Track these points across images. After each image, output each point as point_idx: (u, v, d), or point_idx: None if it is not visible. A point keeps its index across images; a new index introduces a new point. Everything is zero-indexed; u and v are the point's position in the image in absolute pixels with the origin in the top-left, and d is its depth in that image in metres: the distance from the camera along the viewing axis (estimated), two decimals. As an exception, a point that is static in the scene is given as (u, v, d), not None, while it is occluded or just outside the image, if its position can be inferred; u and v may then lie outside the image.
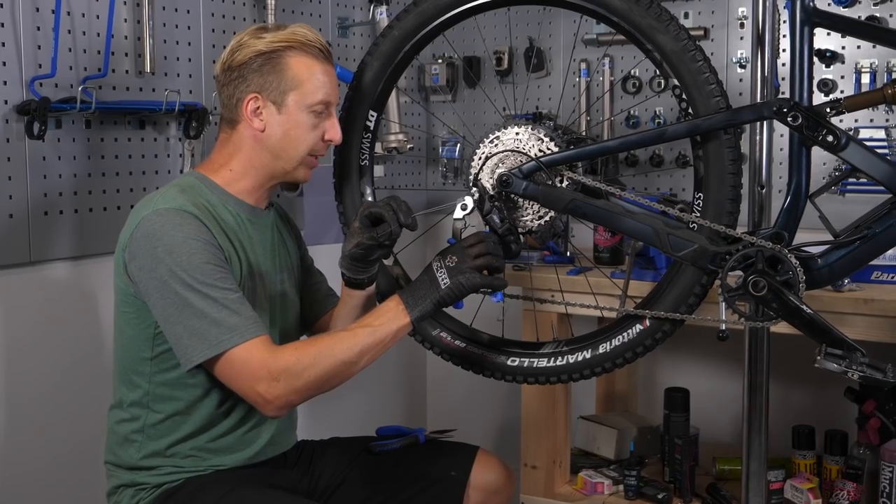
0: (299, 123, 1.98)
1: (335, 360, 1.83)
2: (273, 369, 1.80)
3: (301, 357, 1.82)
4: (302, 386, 1.82)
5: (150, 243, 1.85)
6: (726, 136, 1.90)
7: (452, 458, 2.20)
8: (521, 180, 1.97)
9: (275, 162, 2.01)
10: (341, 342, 1.85)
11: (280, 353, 1.83)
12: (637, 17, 1.92)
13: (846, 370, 1.82)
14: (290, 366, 1.81)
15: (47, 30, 2.39)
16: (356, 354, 1.84)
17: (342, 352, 1.83)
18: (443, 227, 3.37)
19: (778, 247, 1.85)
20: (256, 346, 1.82)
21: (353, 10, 3.41)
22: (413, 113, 3.71)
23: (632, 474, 2.94)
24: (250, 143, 2.00)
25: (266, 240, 2.09)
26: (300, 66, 1.97)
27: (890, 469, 2.61)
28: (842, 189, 2.93)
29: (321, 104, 1.99)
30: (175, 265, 1.82)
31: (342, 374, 1.85)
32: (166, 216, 1.86)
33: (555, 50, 3.51)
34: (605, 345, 2.06)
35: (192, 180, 2.01)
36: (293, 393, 1.82)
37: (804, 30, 1.87)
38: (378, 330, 1.86)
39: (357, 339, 1.85)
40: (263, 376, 1.80)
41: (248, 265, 2.00)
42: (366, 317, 1.91)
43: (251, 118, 1.97)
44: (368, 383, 3.45)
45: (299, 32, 1.98)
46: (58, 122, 2.43)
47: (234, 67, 1.98)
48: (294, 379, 1.81)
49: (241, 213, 2.01)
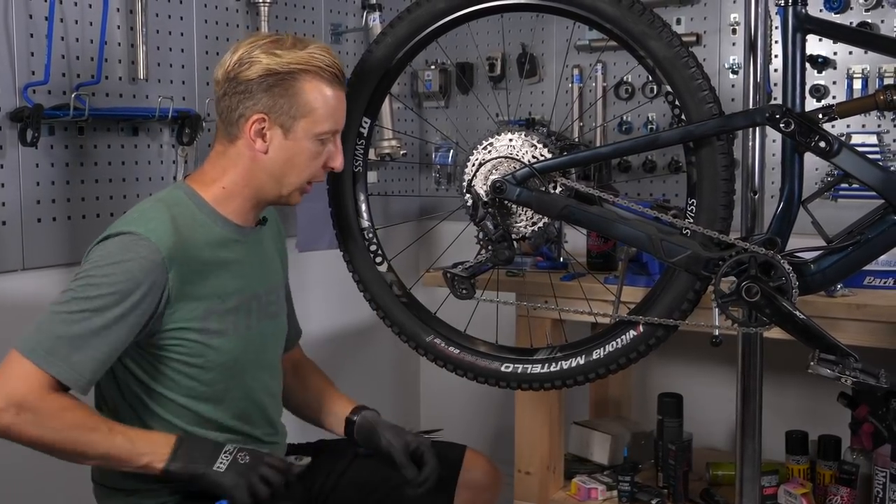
0: (304, 150, 1.92)
1: (76, 445, 1.76)
2: (29, 403, 1.73)
3: (58, 414, 1.75)
4: (34, 436, 1.74)
5: (96, 252, 1.83)
6: (719, 142, 1.90)
7: (442, 457, 2.20)
8: (515, 186, 1.97)
9: (271, 184, 1.94)
10: (96, 435, 1.77)
11: (49, 398, 1.74)
12: (629, 24, 1.92)
13: (839, 375, 1.82)
14: (44, 414, 1.74)
15: (40, 37, 2.39)
16: (98, 455, 1.78)
17: (90, 444, 1.76)
18: (435, 234, 3.38)
19: (771, 252, 1.85)
20: (42, 378, 1.74)
21: (347, 17, 3.42)
22: (406, 119, 3.72)
23: (626, 480, 2.94)
24: (247, 163, 1.93)
25: (257, 259, 2.04)
26: (314, 92, 1.89)
27: (883, 474, 2.61)
28: (834, 195, 2.94)
29: (329, 133, 1.94)
30: (93, 276, 1.79)
31: (70, 457, 1.79)
32: (130, 240, 1.81)
33: (548, 56, 3.52)
34: (599, 351, 2.06)
35: (181, 196, 1.94)
36: (21, 433, 1.74)
37: (796, 36, 1.87)
38: (132, 456, 1.78)
39: (110, 446, 1.77)
40: (15, 400, 1.72)
41: (235, 289, 1.95)
42: (137, 434, 1.81)
43: (254, 138, 1.90)
44: (361, 388, 3.43)
45: (318, 57, 1.90)
46: (51, 129, 2.43)
47: (241, 81, 1.88)
48: (32, 425, 1.73)
49: (230, 234, 1.96)
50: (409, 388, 3.88)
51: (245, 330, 1.98)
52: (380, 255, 2.23)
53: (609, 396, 3.45)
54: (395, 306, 2.21)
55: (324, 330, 3.35)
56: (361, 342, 3.55)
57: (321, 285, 3.29)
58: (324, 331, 3.35)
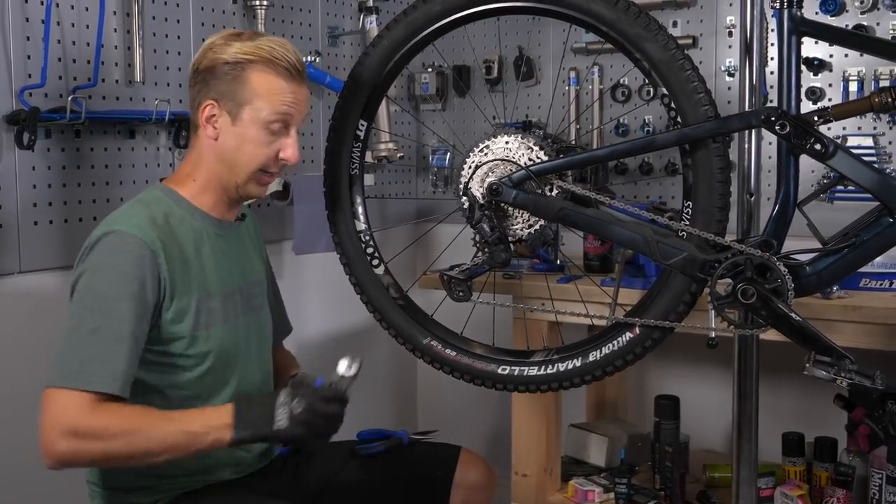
0: (252, 138, 1.94)
1: (139, 447, 1.77)
2: (81, 426, 1.74)
3: (110, 426, 1.76)
4: (98, 453, 1.76)
5: (87, 261, 1.84)
6: (715, 145, 1.90)
7: (437, 458, 2.21)
8: (511, 189, 1.97)
9: (225, 172, 1.97)
10: (155, 432, 1.78)
11: (96, 414, 1.75)
12: (626, 27, 1.93)
13: (835, 377, 1.82)
14: (98, 428, 1.75)
15: (37, 40, 2.39)
16: (164, 449, 1.78)
17: (152, 441, 1.77)
18: (432, 237, 3.38)
19: (767, 255, 1.85)
20: (82, 398, 1.75)
21: (344, 19, 3.42)
22: (403, 122, 3.72)
23: (622, 482, 2.94)
24: (206, 151, 1.97)
25: (238, 253, 2.07)
26: (260, 81, 1.92)
27: (879, 476, 2.61)
28: (830, 197, 2.94)
29: (277, 122, 1.95)
30: (91, 287, 1.81)
31: (139, 461, 1.81)
32: (113, 238, 1.84)
33: (544, 59, 3.52)
34: (595, 353, 2.06)
35: (158, 194, 1.98)
36: (86, 456, 1.77)
37: (792, 39, 1.88)
38: (196, 438, 1.79)
39: (170, 437, 1.78)
40: (68, 428, 1.74)
41: (219, 282, 1.98)
42: (193, 416, 1.84)
43: (205, 125, 1.96)
44: (359, 390, 3.44)
45: (265, 47, 1.94)
46: (47, 132, 2.43)
47: (200, 71, 1.97)
48: (93, 444, 1.75)
49: (208, 227, 1.99)
50: (406, 390, 3.87)
51: (233, 322, 2.01)
52: (376, 257, 2.23)
53: (606, 398, 3.45)
54: (392, 309, 2.21)
55: (321, 332, 3.35)
56: (358, 345, 3.54)
57: (318, 288, 3.29)
58: (321, 333, 3.35)
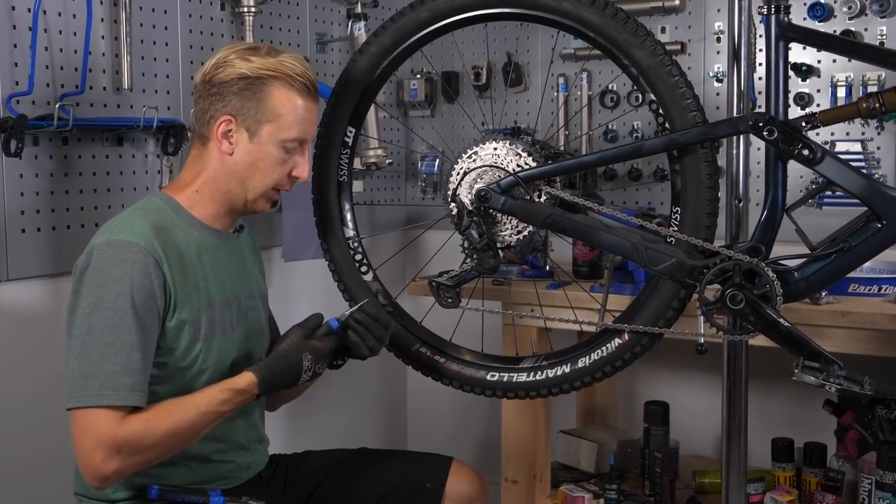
0: (268, 156, 1.94)
1: (182, 439, 1.82)
2: (120, 439, 1.75)
3: (149, 431, 1.78)
4: (142, 461, 1.79)
5: (91, 272, 1.82)
6: (703, 150, 1.91)
7: (428, 469, 2.20)
8: (500, 195, 1.97)
9: (236, 188, 1.96)
10: (189, 422, 1.81)
11: (130, 424, 1.76)
12: (613, 33, 1.93)
13: (824, 383, 1.83)
14: (135, 439, 1.76)
15: (24, 47, 2.38)
16: (203, 430, 1.84)
17: (191, 429, 1.82)
18: (421, 243, 3.38)
19: (755, 260, 1.85)
20: (112, 413, 1.75)
21: (332, 26, 3.42)
22: (392, 128, 3.72)
23: (612, 488, 2.94)
24: (217, 165, 1.96)
25: (237, 264, 2.06)
26: (282, 98, 1.92)
27: (869, 481, 2.62)
28: (818, 202, 2.95)
29: (295, 141, 1.96)
30: (99, 300, 1.79)
31: (189, 444, 1.86)
32: (116, 247, 1.82)
33: (533, 65, 3.52)
34: (585, 359, 2.06)
35: (157, 202, 1.96)
36: (134, 467, 1.79)
37: (780, 44, 1.88)
38: (228, 408, 1.86)
39: (206, 418, 1.83)
40: (109, 445, 1.74)
41: (218, 292, 1.97)
42: (218, 392, 1.86)
43: (220, 139, 1.94)
44: (348, 398, 3.44)
45: (288, 64, 1.93)
46: (35, 140, 2.42)
47: (215, 83, 1.94)
48: (137, 454, 1.77)
49: (208, 238, 1.98)
50: (395, 397, 3.87)
51: (230, 332, 1.99)
52: (365, 264, 2.23)
53: (595, 404, 3.45)
54: (381, 315, 2.20)
55: (310, 339, 3.34)
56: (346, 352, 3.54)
57: (307, 295, 3.28)
58: (310, 340, 3.34)
